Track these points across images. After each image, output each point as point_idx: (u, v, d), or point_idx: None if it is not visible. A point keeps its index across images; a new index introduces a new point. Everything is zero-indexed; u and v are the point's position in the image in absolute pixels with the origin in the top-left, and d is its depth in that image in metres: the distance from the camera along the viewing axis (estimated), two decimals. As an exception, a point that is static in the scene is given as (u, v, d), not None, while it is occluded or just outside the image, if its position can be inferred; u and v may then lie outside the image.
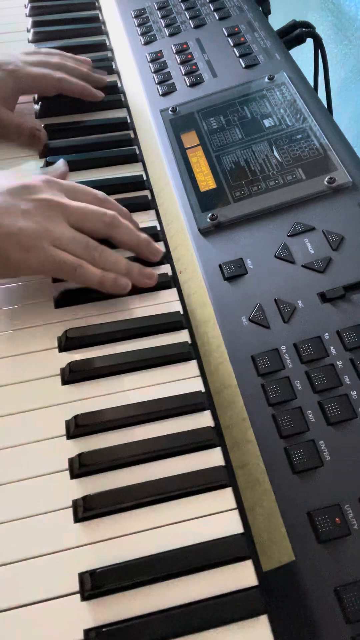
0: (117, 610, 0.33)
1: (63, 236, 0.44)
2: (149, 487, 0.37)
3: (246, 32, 0.65)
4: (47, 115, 0.63)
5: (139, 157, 0.58)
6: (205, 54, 0.64)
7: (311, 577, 0.33)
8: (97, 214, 0.46)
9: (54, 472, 0.38)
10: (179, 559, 0.35)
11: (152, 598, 0.34)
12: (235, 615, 0.33)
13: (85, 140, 0.60)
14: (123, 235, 0.48)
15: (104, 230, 0.47)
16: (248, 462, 0.38)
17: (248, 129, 0.55)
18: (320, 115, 0.54)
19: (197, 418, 0.41)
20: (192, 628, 0.32)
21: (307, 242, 0.46)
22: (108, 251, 0.46)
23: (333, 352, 0.41)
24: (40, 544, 0.36)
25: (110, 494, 0.37)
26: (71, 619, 0.33)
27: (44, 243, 0.43)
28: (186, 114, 0.58)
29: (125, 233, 0.48)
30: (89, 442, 0.39)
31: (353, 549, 0.34)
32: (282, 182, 0.50)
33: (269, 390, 0.39)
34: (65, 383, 0.43)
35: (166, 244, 0.51)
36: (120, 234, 0.47)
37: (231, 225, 0.49)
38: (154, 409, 0.41)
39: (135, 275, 0.47)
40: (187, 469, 0.38)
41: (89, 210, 0.46)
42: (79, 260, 0.44)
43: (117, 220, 0.47)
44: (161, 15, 0.70)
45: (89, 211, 0.46)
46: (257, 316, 0.43)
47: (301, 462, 0.37)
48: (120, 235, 0.47)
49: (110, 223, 0.47)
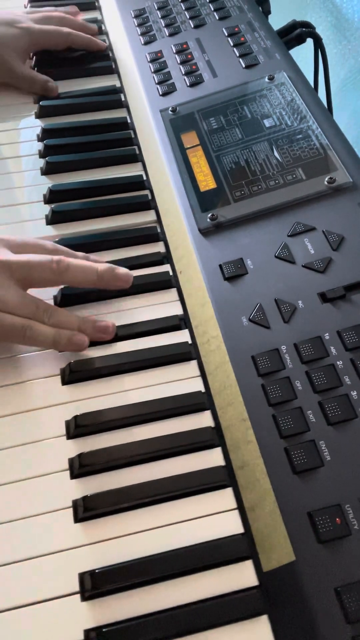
0: (118, 611, 0.33)
1: (9, 301, 0.41)
2: (149, 487, 0.37)
3: (246, 32, 0.65)
4: (47, 115, 0.63)
5: (139, 157, 0.58)
6: (205, 54, 0.64)
7: (311, 577, 0.33)
8: (43, 263, 0.43)
9: (54, 472, 0.38)
10: (179, 559, 0.35)
11: (153, 598, 0.34)
12: (236, 615, 0.33)
13: (85, 140, 0.60)
14: (77, 276, 0.44)
15: (55, 277, 0.43)
16: (248, 462, 0.38)
17: (248, 129, 0.55)
18: (320, 115, 0.54)
19: (197, 418, 0.41)
20: (193, 628, 0.32)
21: (307, 242, 0.46)
22: (59, 312, 0.44)
23: (333, 352, 0.41)
24: (40, 544, 0.36)
25: (110, 494, 0.37)
26: (71, 619, 0.33)
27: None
28: (186, 114, 0.58)
29: (79, 273, 0.44)
30: (89, 442, 0.39)
31: (353, 549, 0.34)
32: (282, 182, 0.50)
33: (269, 391, 0.39)
34: (66, 383, 0.43)
35: (166, 244, 0.51)
36: (74, 276, 0.44)
37: (231, 225, 0.49)
38: (154, 409, 0.41)
39: (90, 332, 0.44)
40: (187, 469, 0.38)
41: (33, 262, 0.43)
42: (28, 321, 0.42)
43: (63, 263, 0.43)
44: (161, 15, 0.70)
45: (33, 263, 0.43)
46: (257, 316, 0.43)
47: (301, 462, 0.37)
48: (73, 277, 0.44)
49: (57, 268, 0.43)
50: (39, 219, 0.53)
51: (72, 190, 0.55)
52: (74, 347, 0.43)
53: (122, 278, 0.45)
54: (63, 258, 0.44)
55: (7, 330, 0.41)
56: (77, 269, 0.44)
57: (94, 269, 0.45)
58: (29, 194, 0.56)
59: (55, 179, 0.57)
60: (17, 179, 0.58)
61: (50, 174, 0.57)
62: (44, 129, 0.60)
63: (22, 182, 0.57)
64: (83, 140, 0.59)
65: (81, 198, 0.55)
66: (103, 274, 0.45)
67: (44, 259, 0.43)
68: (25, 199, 0.56)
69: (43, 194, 0.55)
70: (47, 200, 0.55)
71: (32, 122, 0.63)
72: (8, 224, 0.53)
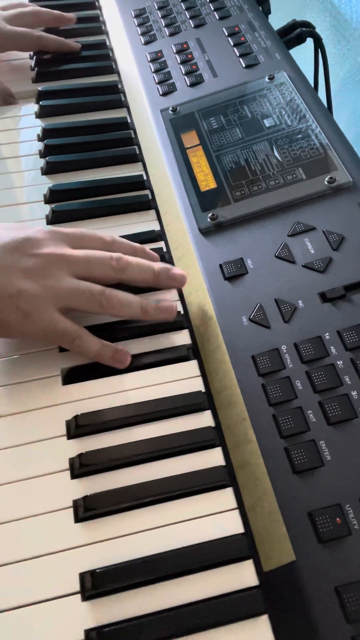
0: (118, 611, 0.33)
1: (65, 292, 0.41)
2: (150, 487, 0.37)
3: (246, 31, 0.65)
4: (47, 114, 0.63)
5: (139, 157, 0.58)
6: (205, 53, 0.64)
7: (311, 577, 0.33)
8: (103, 260, 0.43)
9: (55, 472, 0.38)
10: (179, 559, 0.35)
11: (153, 598, 0.34)
12: (236, 615, 0.33)
13: (85, 139, 0.60)
14: (135, 275, 0.44)
15: (113, 274, 0.43)
16: (248, 462, 0.38)
17: (248, 129, 0.55)
18: (320, 115, 0.54)
19: (197, 418, 0.41)
20: (193, 628, 0.32)
21: (308, 242, 0.46)
22: (117, 294, 0.43)
23: (333, 352, 0.41)
24: (41, 544, 0.36)
25: (110, 494, 0.37)
26: (72, 619, 0.33)
27: (45, 307, 0.41)
28: (186, 114, 0.58)
29: (136, 271, 0.44)
30: (89, 442, 0.39)
31: (353, 549, 0.34)
32: (283, 181, 0.50)
33: (270, 390, 0.39)
34: (66, 383, 0.43)
35: (166, 244, 0.51)
36: (132, 274, 0.44)
37: (231, 225, 0.49)
38: (154, 408, 0.41)
39: (153, 313, 0.44)
40: (187, 469, 0.38)
41: (93, 258, 0.43)
42: (79, 330, 0.42)
43: (123, 261, 0.44)
44: (161, 15, 0.70)
45: (93, 259, 0.43)
46: (258, 316, 0.43)
47: (301, 462, 0.37)
48: (131, 275, 0.44)
49: (117, 266, 0.43)
50: (40, 218, 0.54)
51: (73, 190, 0.55)
52: (114, 364, 0.43)
53: (177, 279, 0.46)
54: (122, 256, 0.44)
55: (60, 336, 0.42)
56: (137, 267, 0.44)
57: (152, 268, 0.45)
58: (29, 193, 0.56)
59: (55, 179, 0.57)
60: (18, 179, 0.58)
61: (51, 173, 0.57)
62: (45, 129, 0.60)
63: (23, 182, 0.57)
64: (83, 140, 0.60)
65: (81, 198, 0.55)
66: (160, 273, 0.45)
67: (104, 256, 0.44)
68: (25, 199, 0.56)
69: (43, 193, 0.55)
70: (48, 200, 0.55)
71: (32, 122, 0.63)
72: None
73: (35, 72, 0.67)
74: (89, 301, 0.42)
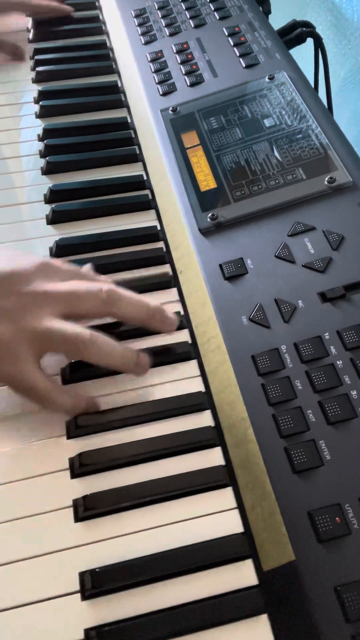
0: (118, 610, 0.33)
1: (43, 335, 0.38)
2: (149, 487, 0.37)
3: (246, 31, 0.65)
4: (47, 114, 0.63)
5: (139, 157, 0.58)
6: (205, 53, 0.64)
7: (311, 577, 0.33)
8: (92, 292, 0.40)
9: (55, 472, 0.38)
10: (179, 558, 0.35)
11: (153, 597, 0.34)
12: (236, 614, 0.33)
13: (85, 139, 0.60)
14: (127, 310, 0.41)
15: (102, 308, 0.40)
16: (248, 462, 0.38)
17: (248, 129, 0.55)
18: (320, 115, 0.54)
19: (197, 418, 0.41)
20: (193, 627, 0.32)
21: (308, 241, 0.47)
22: (97, 341, 0.39)
23: (333, 351, 0.41)
24: (41, 543, 0.36)
25: (110, 494, 0.37)
26: (71, 619, 0.33)
27: (16, 355, 0.37)
28: (186, 114, 0.58)
29: (129, 307, 0.41)
30: (89, 442, 0.39)
31: (353, 548, 0.34)
32: (283, 181, 0.50)
33: (269, 390, 0.39)
34: (66, 383, 0.43)
35: (166, 244, 0.51)
36: (123, 309, 0.41)
37: (231, 225, 0.49)
38: (154, 408, 0.41)
39: (132, 367, 0.41)
40: (187, 468, 0.38)
41: (81, 290, 0.40)
42: (49, 388, 0.38)
43: (115, 293, 0.40)
44: (161, 15, 0.70)
45: (81, 292, 0.40)
46: (258, 316, 0.43)
47: (301, 461, 0.37)
48: (123, 310, 0.41)
49: (107, 299, 0.40)
50: (40, 218, 0.54)
51: (73, 190, 0.55)
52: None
53: (170, 322, 0.43)
54: (114, 288, 0.40)
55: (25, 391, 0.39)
56: (130, 302, 0.41)
57: (147, 306, 0.41)
58: (29, 193, 0.56)
59: (55, 179, 0.57)
60: (18, 179, 0.58)
61: (51, 173, 0.57)
62: (45, 129, 0.60)
63: (23, 182, 0.57)
64: (83, 140, 0.60)
65: (81, 198, 0.55)
66: (155, 312, 0.42)
67: (92, 288, 0.40)
68: (25, 199, 0.56)
69: (43, 193, 0.55)
70: (48, 200, 0.55)
71: (32, 122, 0.63)
72: (8, 224, 0.53)
73: (35, 72, 0.67)
74: (65, 347, 0.39)
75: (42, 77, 0.67)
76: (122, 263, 0.49)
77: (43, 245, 0.51)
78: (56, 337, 0.38)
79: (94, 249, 0.50)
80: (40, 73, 0.67)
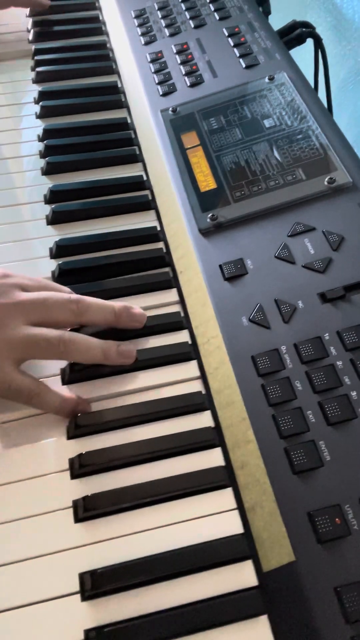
0: (118, 611, 0.33)
1: (20, 343, 0.39)
2: (149, 488, 0.37)
3: (246, 32, 0.65)
4: (48, 115, 0.63)
5: (139, 157, 0.58)
6: (205, 54, 0.64)
7: (311, 577, 0.33)
8: (61, 302, 0.41)
9: (54, 472, 0.38)
10: (179, 559, 0.35)
11: (153, 598, 0.34)
12: (236, 615, 0.33)
13: (85, 140, 0.60)
14: (96, 317, 0.43)
15: (73, 318, 0.42)
16: (248, 462, 0.38)
17: (248, 129, 0.55)
18: (320, 115, 0.54)
19: (197, 418, 0.41)
20: (193, 628, 0.32)
21: (307, 242, 0.47)
22: (75, 340, 0.41)
23: (333, 352, 0.41)
24: (41, 544, 0.36)
25: (110, 494, 0.37)
26: (71, 619, 0.33)
27: None
28: (186, 114, 0.58)
29: (97, 314, 0.43)
30: (89, 442, 0.40)
31: (353, 549, 0.34)
32: (283, 182, 0.50)
33: (269, 391, 0.39)
34: (66, 383, 0.43)
35: (166, 244, 0.51)
36: (92, 317, 0.43)
37: (231, 226, 0.49)
38: (154, 409, 0.41)
39: (114, 357, 0.42)
40: (187, 469, 0.38)
41: (50, 300, 0.41)
42: (37, 387, 0.40)
43: (82, 304, 0.42)
44: (161, 15, 0.70)
45: (50, 301, 0.41)
46: (257, 316, 0.43)
47: (301, 462, 0.37)
48: (92, 318, 0.43)
49: (76, 309, 0.42)
50: (40, 219, 0.54)
51: (73, 191, 0.55)
52: None
53: (137, 319, 0.44)
54: (81, 298, 0.42)
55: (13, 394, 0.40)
56: (97, 309, 0.43)
57: (113, 309, 0.43)
58: (29, 194, 0.56)
59: (55, 179, 0.57)
60: (18, 179, 0.58)
61: (51, 174, 0.57)
62: (45, 130, 0.60)
63: (23, 182, 0.57)
64: (83, 140, 0.60)
65: (82, 198, 0.55)
66: (121, 313, 0.44)
67: (62, 299, 0.42)
68: (25, 199, 0.56)
69: (44, 194, 0.55)
70: (48, 201, 0.55)
71: (32, 122, 0.63)
72: (8, 224, 0.53)
73: (36, 73, 0.67)
74: (46, 350, 0.40)
75: (43, 77, 0.67)
76: (122, 263, 0.49)
77: (43, 246, 0.51)
78: (41, 341, 0.40)
79: (94, 250, 0.51)
80: (41, 73, 0.67)
